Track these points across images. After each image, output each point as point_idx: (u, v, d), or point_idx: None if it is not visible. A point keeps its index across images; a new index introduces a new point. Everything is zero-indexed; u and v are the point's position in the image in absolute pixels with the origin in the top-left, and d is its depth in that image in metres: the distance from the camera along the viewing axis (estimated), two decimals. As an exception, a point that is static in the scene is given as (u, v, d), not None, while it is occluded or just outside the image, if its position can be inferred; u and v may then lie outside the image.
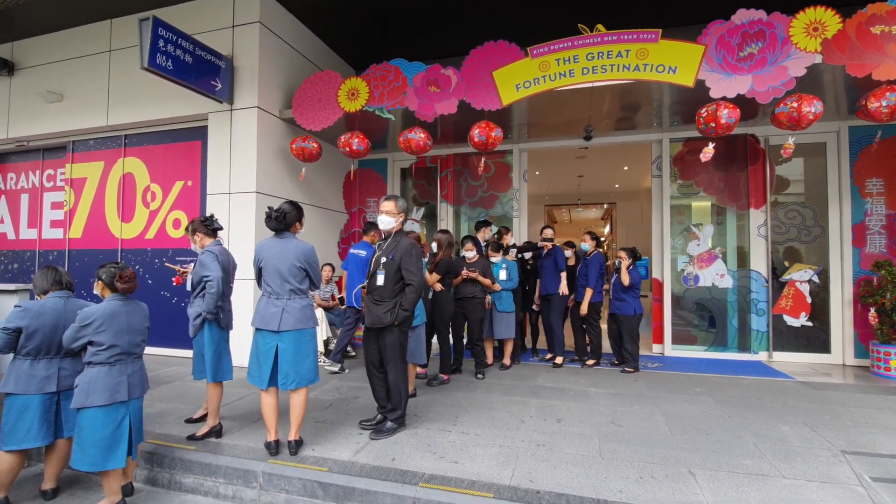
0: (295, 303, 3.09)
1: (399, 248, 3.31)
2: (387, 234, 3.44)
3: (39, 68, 6.85)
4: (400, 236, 3.39)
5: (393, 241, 3.38)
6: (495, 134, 4.89)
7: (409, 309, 3.25)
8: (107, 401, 2.57)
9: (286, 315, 3.04)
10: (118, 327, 2.66)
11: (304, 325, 3.09)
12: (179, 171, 6.21)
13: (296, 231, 3.30)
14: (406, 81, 5.28)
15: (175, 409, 3.96)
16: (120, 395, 2.61)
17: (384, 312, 3.26)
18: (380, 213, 3.40)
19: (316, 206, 6.73)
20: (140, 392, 2.76)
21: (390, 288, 3.28)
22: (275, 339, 3.05)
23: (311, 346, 3.15)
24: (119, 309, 2.71)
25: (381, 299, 3.30)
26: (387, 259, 3.31)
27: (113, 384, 2.61)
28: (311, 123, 5.66)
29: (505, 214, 7.00)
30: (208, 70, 5.27)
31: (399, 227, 3.45)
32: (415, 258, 3.30)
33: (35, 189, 7.33)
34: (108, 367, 2.63)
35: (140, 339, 2.81)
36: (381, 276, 3.30)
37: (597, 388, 4.60)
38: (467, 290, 4.84)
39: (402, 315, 3.24)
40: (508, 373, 5.17)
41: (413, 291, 3.25)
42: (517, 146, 6.89)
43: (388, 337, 3.31)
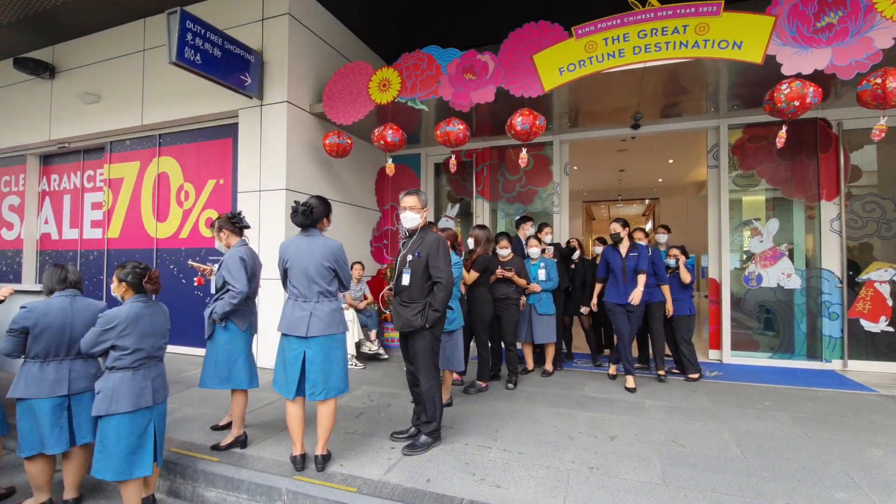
0: (324, 306, 2.84)
1: (425, 244, 3.06)
2: (412, 231, 3.19)
3: (78, 70, 6.93)
4: (426, 232, 3.14)
5: (419, 238, 3.13)
6: (539, 122, 4.52)
7: (440, 309, 2.98)
8: (132, 407, 2.45)
9: (314, 319, 2.79)
10: (142, 330, 2.52)
11: (333, 330, 2.84)
12: (211, 169, 6.13)
13: (323, 228, 3.05)
14: (440, 70, 4.98)
15: (202, 415, 3.80)
16: (145, 400, 2.50)
17: (413, 315, 3.00)
18: (402, 209, 3.15)
19: (347, 203, 6.53)
20: (163, 396, 2.64)
21: (419, 288, 3.04)
22: (302, 346, 2.81)
23: (340, 353, 2.90)
24: (142, 311, 2.56)
25: (410, 301, 3.05)
26: (413, 257, 3.07)
27: (138, 389, 2.48)
28: (342, 117, 5.44)
29: (545, 210, 6.60)
30: (237, 64, 5.13)
31: (424, 223, 3.18)
32: (442, 254, 3.02)
33: (76, 190, 7.46)
34: (132, 371, 2.49)
35: (162, 341, 2.67)
36: (408, 275, 3.06)
37: (651, 399, 4.18)
38: (501, 291, 4.49)
39: (432, 316, 2.98)
40: (551, 381, 4.79)
41: (442, 290, 2.98)
42: (558, 137, 6.48)
43: (418, 342, 3.05)
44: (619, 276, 4.50)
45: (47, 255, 7.69)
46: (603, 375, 4.98)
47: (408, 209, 3.12)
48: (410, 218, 3.13)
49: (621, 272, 4.50)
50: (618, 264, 4.53)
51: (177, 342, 6.27)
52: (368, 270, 6.46)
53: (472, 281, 4.23)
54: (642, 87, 4.90)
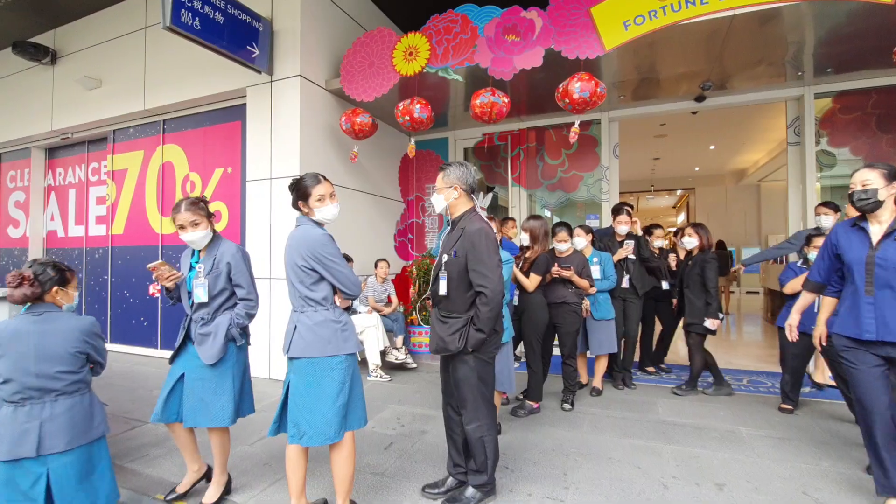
0: (307, 318, 2.11)
1: (464, 239, 2.25)
2: (453, 217, 2.41)
3: (79, 54, 6.40)
4: (467, 221, 2.32)
5: (457, 231, 2.33)
6: (600, 90, 3.71)
7: (486, 329, 2.19)
8: (4, 455, 1.79)
9: (296, 336, 2.11)
10: (19, 353, 1.85)
11: (317, 351, 2.07)
12: (219, 156, 5.51)
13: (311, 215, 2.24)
14: (476, 32, 4.23)
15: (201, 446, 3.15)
16: (25, 448, 1.80)
17: (451, 334, 2.23)
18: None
19: (368, 192, 5.84)
20: (66, 444, 1.87)
21: (460, 298, 2.27)
22: (290, 369, 2.16)
23: (329, 385, 2.07)
24: (26, 328, 1.89)
25: (449, 315, 2.29)
26: (449, 257, 2.29)
27: (16, 433, 1.81)
28: (362, 93, 4.74)
29: (591, 198, 5.80)
30: (243, 33, 4.47)
31: (470, 208, 2.38)
32: (485, 252, 2.20)
33: (81, 184, 6.96)
34: (13, 407, 1.84)
35: (57, 369, 1.89)
36: (443, 281, 2.30)
37: (746, 426, 3.37)
38: (557, 294, 3.70)
39: (475, 338, 2.19)
40: (613, 399, 4.02)
41: (486, 303, 2.17)
42: (607, 114, 5.66)
43: (459, 368, 2.29)
44: (861, 284, 2.27)
45: (53, 253, 7.21)
46: (667, 390, 4.19)
47: (434, 191, 2.43)
48: (434, 201, 2.43)
49: (867, 274, 2.26)
50: (860, 258, 2.29)
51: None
52: (393, 268, 5.77)
53: (535, 287, 3.49)
54: (723, 45, 4.05)
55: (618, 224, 4.30)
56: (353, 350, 2.18)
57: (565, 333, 3.69)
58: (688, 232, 4.29)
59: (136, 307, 6.11)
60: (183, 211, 2.31)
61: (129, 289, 6.18)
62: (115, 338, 6.30)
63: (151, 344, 5.94)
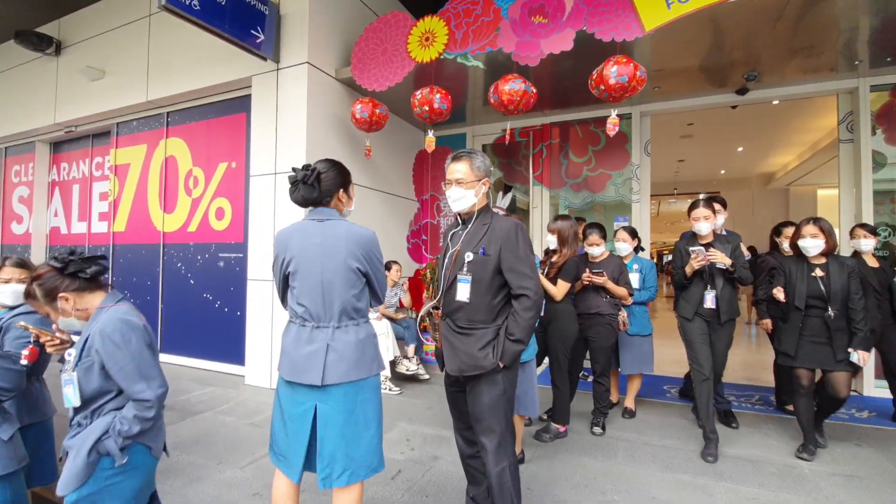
0: (348, 334, 1.77)
1: (495, 234, 1.91)
2: (464, 216, 2.03)
3: (83, 44, 6.18)
4: (489, 217, 1.98)
5: (479, 226, 1.97)
6: (640, 74, 3.30)
7: (525, 338, 1.85)
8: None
9: (334, 357, 1.73)
10: None
11: (363, 372, 1.78)
12: (223, 151, 5.21)
13: (341, 208, 1.96)
14: (499, 13, 3.86)
15: (188, 466, 2.82)
16: None
17: (480, 349, 1.86)
18: (448, 184, 2.00)
19: (380, 190, 5.49)
20: None
21: (485, 305, 1.90)
22: (313, 399, 1.75)
23: (373, 408, 1.81)
24: None
25: (470, 326, 1.90)
26: (474, 255, 1.91)
27: None
28: (374, 82, 4.40)
29: (621, 199, 5.37)
30: (248, 16, 4.16)
31: (485, 204, 2.03)
32: (525, 248, 1.90)
33: (85, 179, 6.74)
34: None
35: None
36: (466, 285, 1.91)
37: (807, 459, 2.93)
38: (590, 303, 3.30)
39: (511, 351, 1.84)
40: (652, 423, 3.59)
41: (531, 307, 1.85)
42: (638, 108, 5.24)
43: (485, 392, 1.88)
44: None
45: (56, 251, 6.99)
46: (713, 413, 3.75)
47: (454, 183, 1.97)
48: (457, 197, 1.97)
49: None
50: None
51: (178, 352, 5.41)
52: (405, 271, 5.42)
53: (564, 295, 3.09)
54: (774, 27, 3.62)
55: (695, 221, 3.16)
56: (384, 368, 1.92)
57: (598, 349, 3.28)
58: (808, 231, 2.95)
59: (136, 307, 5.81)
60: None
61: (129, 289, 5.91)
62: (115, 339, 6.03)
63: (151, 347, 5.65)
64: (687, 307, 3.19)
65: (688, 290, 3.21)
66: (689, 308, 3.17)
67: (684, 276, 3.16)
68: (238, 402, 4.02)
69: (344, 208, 1.97)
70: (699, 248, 3.03)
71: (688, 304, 3.18)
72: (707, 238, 3.16)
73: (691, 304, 3.16)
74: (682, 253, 3.25)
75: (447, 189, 1.99)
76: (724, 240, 3.18)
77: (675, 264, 3.31)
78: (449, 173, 1.99)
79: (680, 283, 3.25)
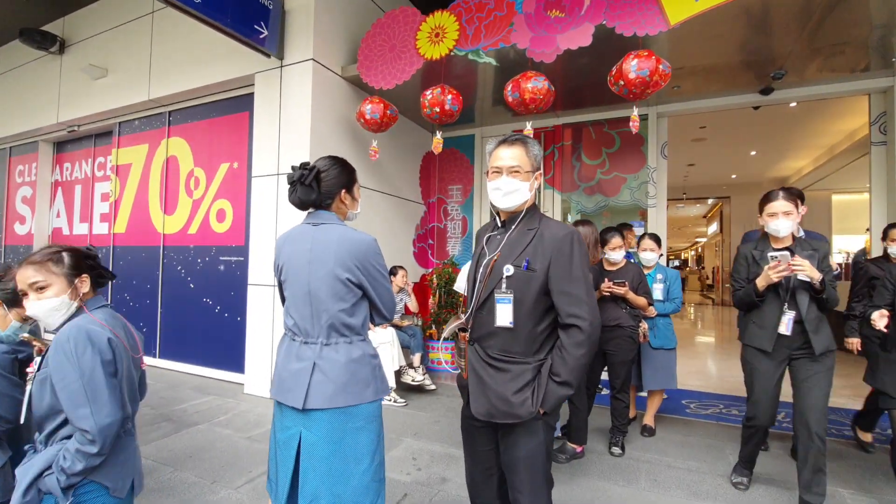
0: (338, 353, 1.56)
1: (544, 244, 1.52)
2: (509, 214, 1.65)
3: (86, 42, 6.07)
4: (536, 220, 1.60)
5: (522, 232, 1.59)
6: (663, 68, 3.10)
7: (573, 381, 1.47)
8: None
9: (319, 377, 1.52)
10: None
11: (354, 398, 1.54)
12: (224, 151, 5.05)
13: (344, 212, 1.76)
14: (513, 8, 3.67)
15: (179, 485, 2.63)
16: None
17: (516, 391, 1.48)
18: (493, 174, 1.61)
19: (386, 193, 5.31)
20: None
21: (525, 333, 1.52)
22: (298, 424, 1.54)
23: (366, 441, 1.56)
24: None
25: (507, 357, 1.52)
26: (515, 269, 1.53)
27: None
28: (381, 79, 4.23)
29: (635, 203, 5.15)
30: (251, 10, 4.00)
31: (533, 203, 1.66)
32: (582, 266, 1.52)
33: (87, 179, 6.62)
34: None
35: None
36: (507, 306, 1.52)
37: (847, 486, 2.69)
38: (610, 315, 3.05)
39: (555, 396, 1.47)
40: (674, 442, 3.37)
41: (583, 343, 1.45)
42: (655, 108, 5.02)
43: (523, 443, 1.53)
44: None
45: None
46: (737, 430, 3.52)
47: (506, 172, 1.58)
48: (510, 189, 1.57)
49: None
50: None
51: (177, 358, 5.25)
52: (411, 276, 5.23)
53: None
54: (808, 20, 3.40)
55: (770, 217, 2.39)
56: (386, 393, 1.66)
57: (619, 363, 3.06)
58: None
59: (135, 312, 5.68)
60: (24, 267, 1.39)
61: (129, 292, 5.77)
62: (114, 344, 5.89)
63: (150, 352, 5.50)
64: (762, 336, 2.43)
65: (760, 311, 2.46)
66: (766, 337, 2.40)
67: (755, 291, 2.39)
68: (236, 414, 3.85)
69: (348, 211, 1.77)
70: (783, 252, 2.24)
71: (763, 332, 2.43)
72: (785, 241, 2.40)
73: (768, 331, 2.40)
74: (750, 260, 2.53)
75: (493, 179, 1.60)
76: (805, 244, 2.39)
77: (739, 275, 2.59)
78: (497, 160, 1.60)
79: (748, 302, 2.48)
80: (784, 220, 2.33)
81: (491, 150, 1.64)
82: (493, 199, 1.62)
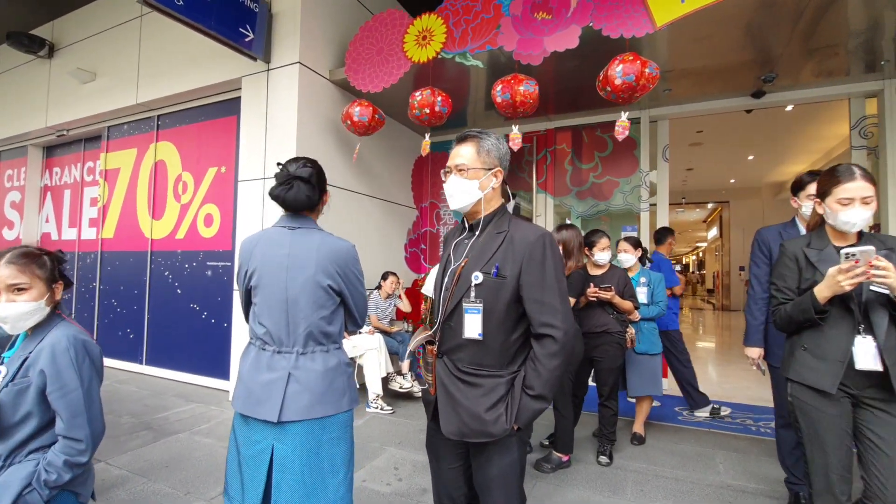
0: (315, 362, 1.52)
1: (514, 248, 1.42)
2: (475, 217, 1.54)
3: (75, 46, 6.03)
4: (506, 222, 1.49)
5: (491, 236, 1.48)
6: (650, 70, 3.05)
7: (548, 394, 1.37)
8: None
9: (295, 388, 1.47)
10: None
11: (331, 408, 1.51)
12: (213, 155, 5.00)
13: (316, 216, 1.72)
14: (500, 10, 3.64)
15: (151, 496, 2.55)
16: None
17: (489, 408, 1.38)
18: (447, 172, 1.53)
19: (377, 197, 5.26)
20: None
21: (497, 345, 1.42)
22: (270, 437, 1.48)
23: (340, 450, 1.54)
24: None
25: (477, 371, 1.42)
26: (484, 277, 1.42)
27: None
28: (368, 83, 4.19)
29: (628, 208, 5.10)
30: (236, 13, 3.96)
31: (500, 205, 1.54)
32: (555, 271, 1.41)
33: (76, 184, 6.56)
34: None
35: None
36: (475, 316, 1.41)
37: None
38: (597, 321, 3.00)
39: (530, 411, 1.37)
40: (664, 451, 3.30)
41: (556, 354, 1.35)
42: (647, 112, 4.98)
43: (496, 460, 1.43)
44: None
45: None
46: (729, 438, 3.45)
47: (453, 171, 1.51)
48: (454, 190, 1.49)
49: None
50: None
51: (163, 365, 5.17)
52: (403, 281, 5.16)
53: None
54: (797, 24, 3.36)
55: (843, 205, 1.67)
56: (357, 403, 1.65)
57: (606, 370, 2.99)
58: None
59: (122, 317, 5.61)
60: (4, 266, 1.34)
61: (116, 297, 5.70)
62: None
63: (136, 359, 5.42)
64: (821, 370, 1.68)
65: (818, 334, 1.71)
66: (828, 371, 1.66)
67: (814, 304, 1.64)
68: (219, 422, 3.77)
69: (318, 217, 1.74)
70: (866, 248, 1.51)
71: (822, 365, 1.68)
72: (851, 239, 1.73)
73: (830, 364, 1.65)
74: (802, 262, 1.78)
75: (446, 180, 1.53)
76: (875, 241, 1.66)
77: (785, 282, 1.82)
78: (450, 159, 1.53)
79: (800, 320, 1.72)
80: (862, 209, 1.64)
81: (452, 148, 1.59)
82: (451, 203, 1.55)
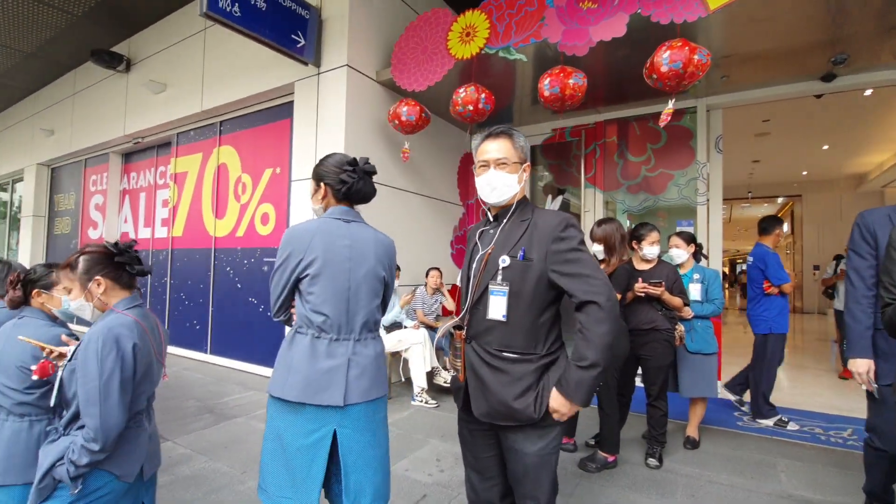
0: (367, 348, 1.63)
1: (539, 233, 1.44)
2: (500, 209, 1.57)
3: (149, 60, 6.56)
4: (529, 211, 1.53)
5: (515, 224, 1.51)
6: (699, 57, 2.91)
7: (601, 360, 1.32)
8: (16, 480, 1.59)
9: (356, 372, 1.55)
10: None
11: (382, 390, 1.65)
12: (269, 157, 5.28)
13: None
14: (544, 2, 3.59)
15: (212, 474, 2.74)
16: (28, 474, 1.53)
17: (517, 397, 1.39)
18: (480, 167, 1.55)
19: (423, 195, 5.34)
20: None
21: (526, 326, 1.42)
22: (331, 423, 1.51)
23: (386, 430, 1.71)
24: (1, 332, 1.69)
25: (506, 353, 1.43)
26: (511, 260, 1.44)
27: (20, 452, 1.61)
28: (412, 81, 4.26)
29: (684, 202, 4.87)
30: (288, 21, 4.16)
31: (523, 195, 1.59)
32: (581, 246, 1.42)
33: (150, 187, 7.13)
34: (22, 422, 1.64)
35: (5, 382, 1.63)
36: (501, 298, 1.43)
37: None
38: (644, 318, 2.90)
39: (585, 383, 1.33)
40: (719, 455, 3.14)
41: (604, 319, 1.32)
42: (704, 101, 4.73)
43: (530, 447, 1.43)
44: None
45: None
46: (794, 446, 3.22)
47: (493, 165, 1.51)
48: (499, 183, 1.50)
49: None
50: None
51: (224, 354, 5.51)
52: (448, 278, 5.21)
53: None
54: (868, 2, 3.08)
55: None
56: None
57: (654, 368, 2.89)
58: None
59: (190, 310, 6.04)
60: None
61: (185, 291, 6.14)
62: (171, 340, 6.29)
63: (202, 349, 5.82)
64: None
65: None
66: None
67: None
68: (273, 409, 3.97)
69: None
70: None
71: None
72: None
73: None
74: None
75: (481, 175, 1.53)
76: None
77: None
78: (483, 154, 1.54)
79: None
80: None
81: (477, 146, 1.60)
82: (483, 195, 1.56)
